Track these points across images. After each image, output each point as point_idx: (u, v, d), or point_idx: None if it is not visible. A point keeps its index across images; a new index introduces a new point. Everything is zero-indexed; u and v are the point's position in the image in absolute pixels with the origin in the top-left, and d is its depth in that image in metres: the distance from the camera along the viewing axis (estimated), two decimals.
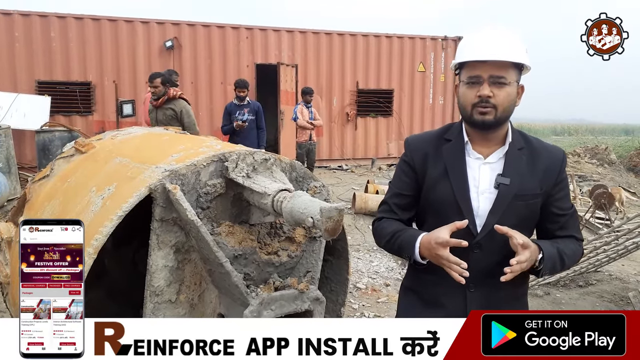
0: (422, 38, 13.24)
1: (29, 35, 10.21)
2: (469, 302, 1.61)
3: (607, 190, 7.97)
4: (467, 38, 1.64)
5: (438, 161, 1.67)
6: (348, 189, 9.53)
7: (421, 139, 1.77)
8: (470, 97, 1.57)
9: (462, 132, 1.68)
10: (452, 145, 1.67)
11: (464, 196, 1.61)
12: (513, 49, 1.55)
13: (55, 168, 2.32)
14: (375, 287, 4.78)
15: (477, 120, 1.58)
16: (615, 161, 13.68)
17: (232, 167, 1.75)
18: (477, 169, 1.64)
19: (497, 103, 1.55)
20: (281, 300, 1.77)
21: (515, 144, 1.64)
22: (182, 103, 5.66)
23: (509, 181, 1.59)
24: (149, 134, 2.60)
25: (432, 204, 1.67)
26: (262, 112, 7.43)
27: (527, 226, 1.65)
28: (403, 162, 1.76)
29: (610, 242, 4.44)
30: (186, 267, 1.79)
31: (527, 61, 1.59)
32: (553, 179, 1.64)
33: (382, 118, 13.17)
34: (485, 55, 1.54)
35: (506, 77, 1.55)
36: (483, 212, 1.60)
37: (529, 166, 1.63)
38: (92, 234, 1.56)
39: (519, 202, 1.59)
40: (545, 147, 1.69)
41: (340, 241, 2.21)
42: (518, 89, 1.61)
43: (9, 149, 7.66)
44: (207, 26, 11.47)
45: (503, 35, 1.57)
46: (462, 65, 1.61)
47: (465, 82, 1.59)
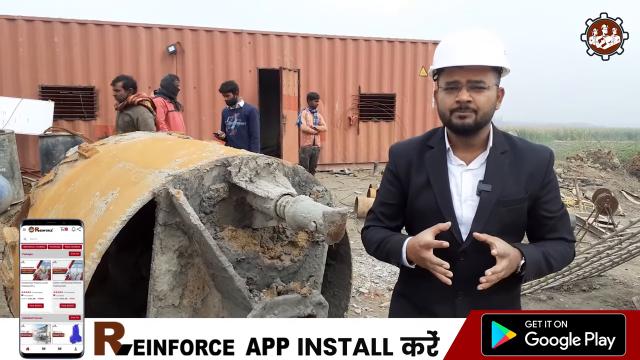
0: (424, 42, 13.25)
1: (32, 40, 10.26)
2: (457, 309, 1.59)
3: (610, 194, 7.95)
4: (443, 43, 1.60)
5: (421, 169, 1.65)
6: (350, 193, 9.53)
7: (404, 147, 1.75)
8: (449, 102, 1.55)
9: (444, 139, 1.65)
10: (434, 152, 1.65)
11: (447, 205, 1.59)
12: (490, 52, 1.52)
13: (58, 173, 2.33)
14: (378, 292, 4.77)
15: (456, 124, 1.55)
16: (618, 165, 13.65)
17: (235, 171, 1.75)
18: (460, 176, 1.61)
19: (477, 107, 1.52)
20: (284, 305, 1.77)
21: (497, 148, 1.61)
22: (139, 110, 5.28)
23: (491, 187, 1.56)
24: (152, 139, 2.60)
25: (417, 212, 1.66)
26: (255, 118, 6.80)
27: (514, 231, 1.62)
28: (388, 170, 1.75)
29: (614, 246, 4.43)
30: (189, 271, 1.79)
31: (505, 64, 1.56)
32: (539, 181, 1.60)
33: (384, 122, 13.18)
34: (462, 61, 1.51)
35: (485, 82, 1.52)
36: (467, 220, 1.58)
37: (512, 170, 1.59)
38: (95, 238, 1.57)
39: (503, 208, 1.56)
40: (531, 147, 1.65)
41: (342, 245, 2.21)
42: (498, 92, 1.58)
43: (12, 154, 7.68)
44: (209, 31, 11.52)
45: (480, 39, 1.54)
46: (440, 71, 1.58)
47: (444, 88, 1.56)
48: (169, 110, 6.41)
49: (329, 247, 2.01)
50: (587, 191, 10.63)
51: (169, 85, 6.57)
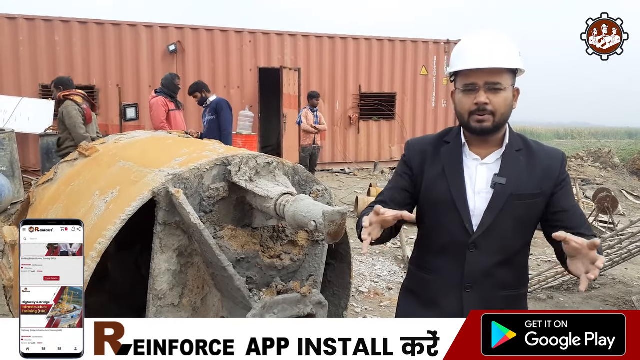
0: (424, 41, 13.25)
1: (33, 39, 10.27)
2: (465, 302, 1.60)
3: (611, 193, 7.94)
4: (460, 45, 1.63)
5: (436, 162, 1.68)
6: (351, 193, 9.54)
7: (421, 142, 1.78)
8: (467, 104, 1.58)
9: (460, 135, 1.68)
10: (450, 147, 1.69)
11: (461, 195, 1.61)
12: (506, 54, 1.55)
13: (59, 172, 2.33)
14: (378, 291, 4.77)
15: (475, 127, 1.58)
16: (619, 164, 13.63)
17: (235, 170, 1.75)
18: (474, 170, 1.64)
19: (495, 109, 1.55)
20: (284, 304, 1.77)
21: (513, 146, 1.64)
22: (65, 104, 5.40)
23: (505, 181, 1.58)
24: (153, 138, 2.60)
25: (430, 203, 1.68)
26: (223, 110, 6.29)
27: (525, 227, 1.64)
28: (402, 162, 1.78)
29: (614, 245, 4.43)
30: (189, 270, 1.79)
31: (521, 65, 1.59)
32: (553, 179, 1.62)
33: (385, 122, 13.18)
34: (479, 63, 1.53)
35: (502, 83, 1.55)
36: (479, 212, 1.60)
37: (527, 167, 1.62)
38: (95, 237, 1.57)
39: (517, 201, 1.58)
40: (544, 149, 1.69)
41: (342, 245, 2.21)
42: (514, 92, 1.61)
43: (12, 153, 7.69)
44: (210, 30, 11.52)
45: (496, 41, 1.57)
46: (457, 73, 1.61)
47: (461, 90, 1.59)
48: (170, 109, 6.39)
49: (329, 247, 2.01)
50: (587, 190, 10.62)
51: (170, 84, 6.56)
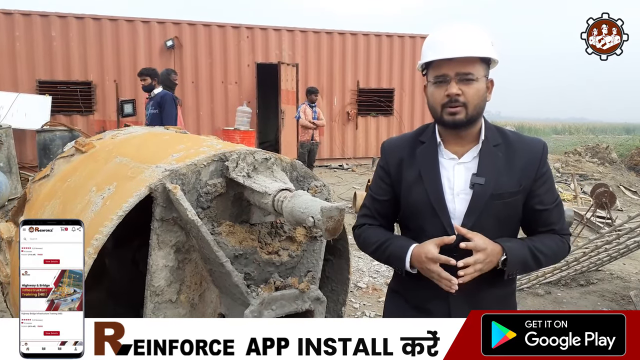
0: (422, 37, 13.23)
1: (29, 34, 10.22)
2: (452, 306, 1.58)
3: (608, 189, 7.95)
4: (430, 37, 1.60)
5: (413, 165, 1.64)
6: (349, 188, 9.54)
7: (396, 144, 1.74)
8: (439, 97, 1.54)
9: (435, 133, 1.64)
10: (426, 147, 1.64)
11: (439, 199, 1.57)
12: (477, 43, 1.51)
13: (55, 168, 2.32)
14: (377, 286, 4.78)
15: (447, 120, 1.54)
16: (616, 160, 13.65)
17: (232, 166, 1.74)
18: (452, 170, 1.60)
19: (467, 100, 1.51)
20: (282, 300, 1.77)
21: (490, 141, 1.60)
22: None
23: (484, 180, 1.55)
24: (150, 133, 2.59)
25: (410, 207, 1.65)
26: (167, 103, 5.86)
27: (508, 226, 1.61)
28: (379, 167, 1.75)
29: (612, 241, 4.44)
30: (187, 266, 1.78)
31: (493, 54, 1.55)
32: (532, 174, 1.58)
33: (383, 117, 13.17)
34: (449, 53, 1.50)
35: (473, 73, 1.51)
36: (460, 214, 1.56)
37: (506, 163, 1.58)
38: (92, 233, 1.56)
39: (497, 201, 1.55)
40: (524, 140, 1.64)
41: (341, 240, 2.21)
42: (487, 84, 1.58)
43: (9, 149, 7.66)
44: (207, 25, 11.48)
45: (466, 31, 1.53)
46: (428, 65, 1.58)
47: (433, 82, 1.56)
48: None
49: (327, 242, 2.01)
50: (585, 186, 10.65)
51: (166, 80, 6.55)
